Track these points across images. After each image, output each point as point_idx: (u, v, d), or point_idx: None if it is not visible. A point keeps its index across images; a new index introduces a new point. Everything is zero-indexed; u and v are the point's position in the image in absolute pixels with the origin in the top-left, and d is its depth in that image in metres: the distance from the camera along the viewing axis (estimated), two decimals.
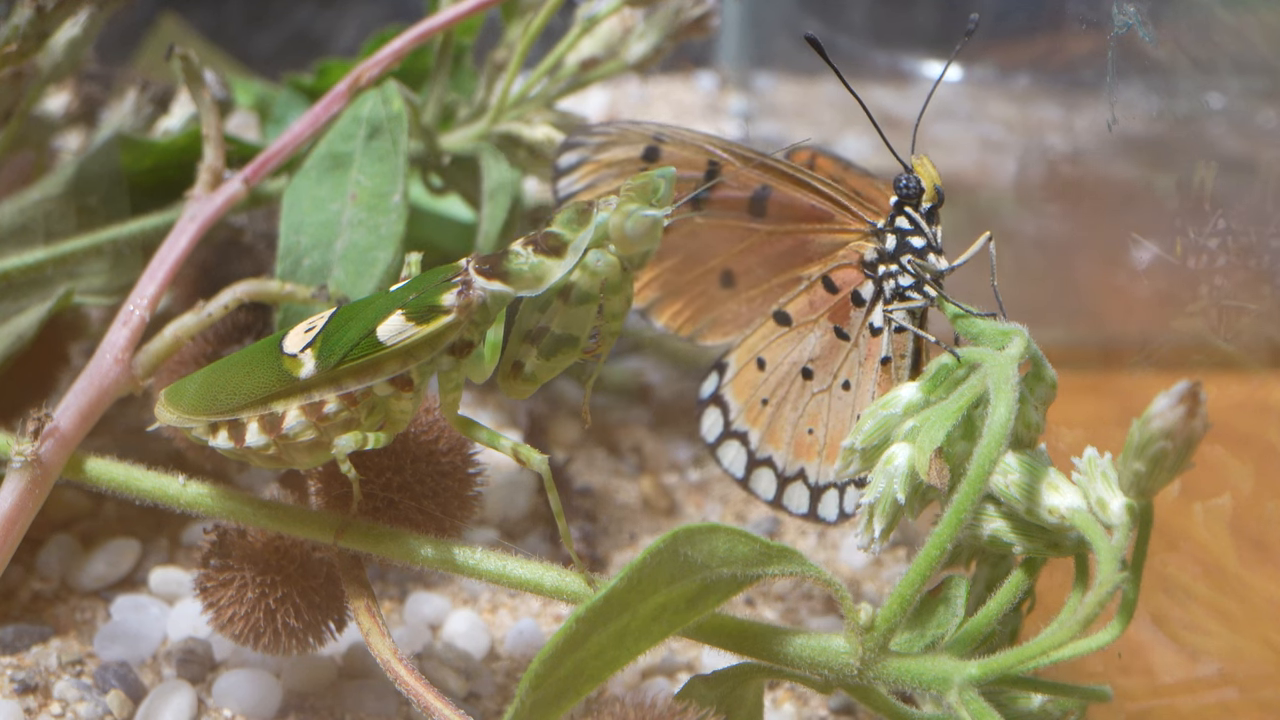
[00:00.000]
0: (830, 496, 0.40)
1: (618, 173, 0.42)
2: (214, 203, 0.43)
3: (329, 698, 0.41)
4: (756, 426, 0.41)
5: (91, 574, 0.45)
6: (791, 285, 0.40)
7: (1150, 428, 0.27)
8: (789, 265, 0.40)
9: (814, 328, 0.40)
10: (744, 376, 0.41)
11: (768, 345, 0.41)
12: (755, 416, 0.41)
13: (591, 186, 0.42)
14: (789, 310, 0.40)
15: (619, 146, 0.42)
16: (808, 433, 0.40)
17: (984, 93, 0.59)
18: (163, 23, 0.84)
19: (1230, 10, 0.40)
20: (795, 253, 0.40)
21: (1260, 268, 0.36)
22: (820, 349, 0.40)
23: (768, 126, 0.92)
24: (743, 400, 0.41)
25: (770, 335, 0.41)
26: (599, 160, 0.42)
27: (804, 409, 0.40)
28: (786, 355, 0.40)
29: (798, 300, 0.40)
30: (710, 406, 0.42)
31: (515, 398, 0.35)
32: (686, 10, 0.49)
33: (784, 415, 0.41)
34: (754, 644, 0.33)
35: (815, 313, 0.40)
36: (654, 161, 0.41)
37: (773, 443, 0.41)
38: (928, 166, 0.36)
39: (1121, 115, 0.40)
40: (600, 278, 0.32)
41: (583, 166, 0.42)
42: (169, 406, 0.35)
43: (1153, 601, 0.36)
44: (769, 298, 0.41)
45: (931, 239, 0.36)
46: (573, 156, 0.43)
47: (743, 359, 0.41)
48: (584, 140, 0.43)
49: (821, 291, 0.39)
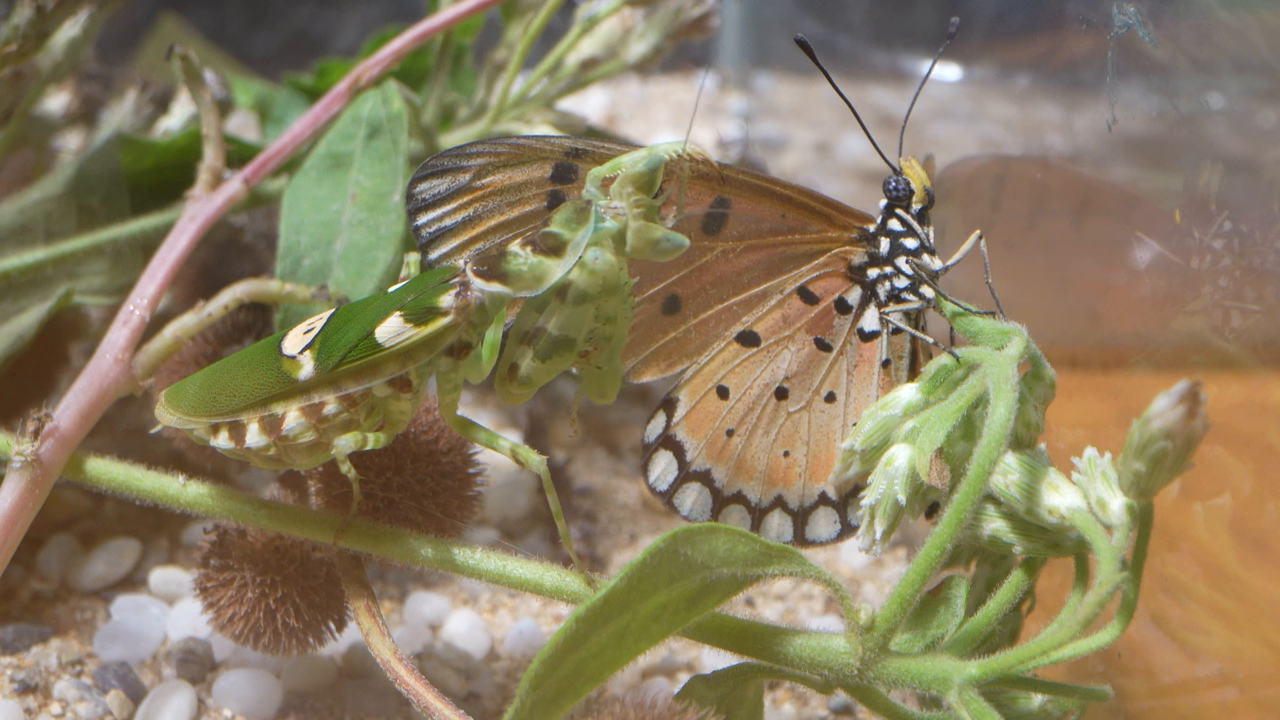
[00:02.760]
0: (821, 514, 0.38)
1: (513, 199, 0.37)
2: (214, 203, 0.43)
3: (329, 698, 0.41)
4: (723, 462, 0.38)
5: (91, 574, 0.45)
6: (758, 302, 0.37)
7: (1150, 428, 0.27)
8: (753, 281, 0.37)
9: (788, 344, 0.37)
10: (702, 410, 0.38)
11: (730, 370, 0.37)
12: (718, 451, 0.38)
13: (472, 220, 0.37)
14: (757, 329, 0.37)
15: (512, 168, 0.36)
16: (783, 456, 0.37)
17: (984, 93, 0.59)
18: (163, 23, 0.84)
19: (1230, 10, 0.40)
20: (760, 268, 0.37)
21: (1262, 268, 0.36)
22: (797, 364, 0.37)
23: (767, 126, 0.92)
24: (702, 436, 0.38)
25: (733, 359, 0.37)
26: (484, 187, 0.37)
27: (778, 432, 0.37)
28: (755, 378, 0.37)
29: (768, 317, 0.37)
30: (659, 451, 0.38)
31: (511, 403, 0.34)
32: (686, 10, 0.49)
33: (754, 443, 0.37)
34: (754, 644, 0.33)
35: (790, 328, 0.37)
36: (569, 183, 0.36)
37: (744, 476, 0.38)
38: (916, 168, 0.36)
39: (1121, 115, 0.40)
40: (599, 276, 0.32)
41: (457, 196, 0.37)
42: (169, 407, 0.35)
43: (1153, 601, 0.36)
44: (727, 319, 0.37)
45: (924, 240, 0.36)
46: (440, 184, 0.37)
47: (699, 390, 0.38)
48: (457, 163, 0.36)
49: (797, 304, 0.37)
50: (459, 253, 0.37)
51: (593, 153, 0.36)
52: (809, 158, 0.85)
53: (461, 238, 0.37)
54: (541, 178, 0.36)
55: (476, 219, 0.37)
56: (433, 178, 0.37)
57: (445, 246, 0.37)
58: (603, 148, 0.36)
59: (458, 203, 0.37)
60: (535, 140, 0.37)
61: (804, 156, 0.86)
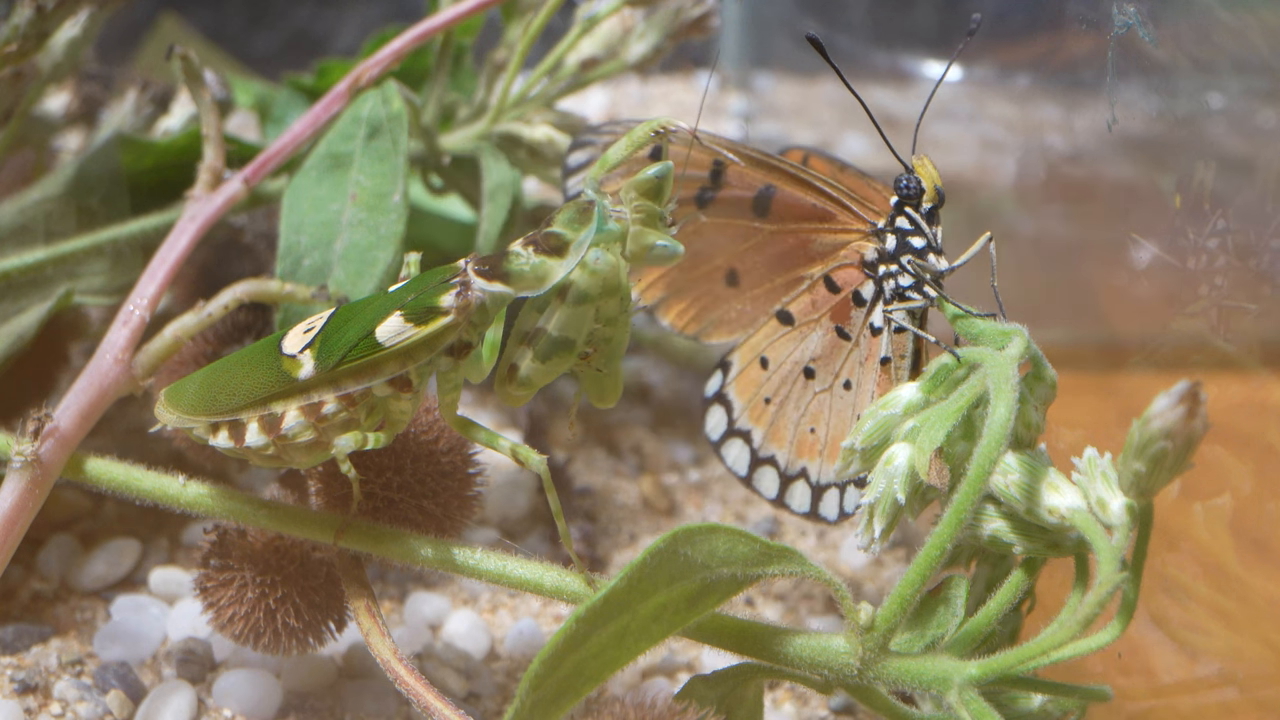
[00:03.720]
0: (831, 496, 0.40)
1: (625, 171, 0.41)
2: (214, 203, 0.43)
3: (329, 698, 0.41)
4: (760, 425, 0.41)
5: (91, 574, 0.45)
6: (794, 284, 0.40)
7: (1150, 428, 0.27)
8: (792, 265, 0.40)
9: (816, 327, 0.40)
10: (747, 375, 0.41)
11: (770, 344, 0.41)
12: (759, 415, 0.41)
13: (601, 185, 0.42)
14: (791, 309, 0.40)
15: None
16: (809, 431, 0.40)
17: (984, 93, 0.59)
18: (163, 23, 0.84)
19: (1230, 10, 0.40)
20: (797, 252, 0.40)
21: (1260, 268, 0.36)
22: (822, 348, 0.40)
23: (768, 126, 0.92)
24: (746, 399, 0.41)
25: (773, 334, 0.41)
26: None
27: (806, 408, 0.40)
28: (789, 354, 0.40)
29: (800, 299, 0.40)
30: (714, 405, 0.42)
31: (511, 404, 0.34)
32: (686, 10, 0.49)
33: (786, 414, 0.41)
34: (754, 644, 0.33)
35: (817, 312, 0.40)
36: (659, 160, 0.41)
37: (775, 441, 0.41)
38: (928, 167, 0.36)
39: (1121, 115, 0.40)
40: (600, 277, 0.32)
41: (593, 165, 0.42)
42: (169, 407, 0.35)
43: (1153, 601, 0.36)
44: (772, 297, 0.41)
45: (931, 239, 0.36)
46: (582, 155, 0.43)
47: (746, 358, 0.41)
48: (593, 139, 0.43)
49: (823, 291, 0.39)
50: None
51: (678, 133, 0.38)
52: None
53: None
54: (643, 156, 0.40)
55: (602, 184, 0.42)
56: (577, 150, 0.43)
57: None
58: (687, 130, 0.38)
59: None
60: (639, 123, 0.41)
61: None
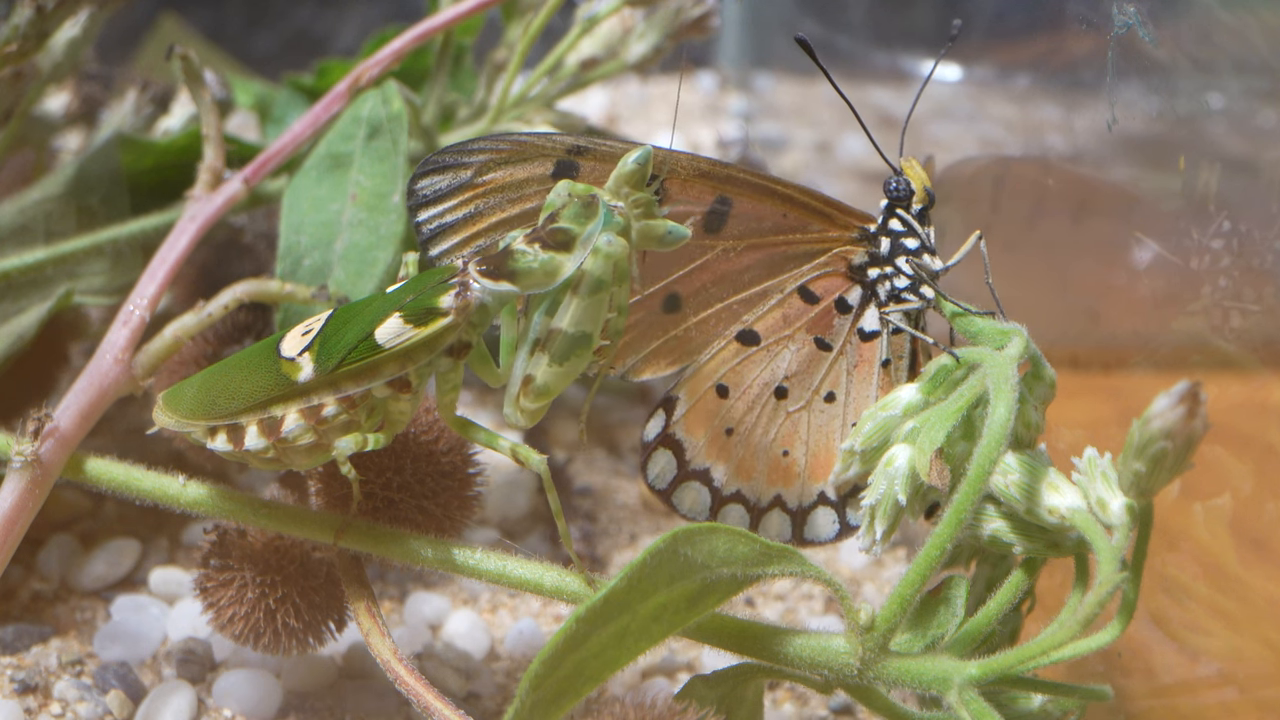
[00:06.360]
0: (821, 514, 0.38)
1: (514, 196, 0.37)
2: (214, 203, 0.43)
3: (329, 698, 0.41)
4: (722, 461, 0.38)
5: (91, 574, 0.45)
6: (758, 301, 0.37)
7: (1150, 428, 0.27)
8: (753, 280, 0.37)
9: (788, 343, 0.37)
10: (701, 408, 0.38)
11: (730, 369, 0.37)
12: (719, 450, 0.38)
13: (473, 217, 0.37)
14: (757, 328, 0.37)
15: (514, 165, 0.36)
16: (782, 455, 0.37)
17: (984, 93, 0.59)
18: (163, 23, 0.84)
19: (1230, 10, 0.40)
20: (761, 266, 0.37)
21: (1261, 268, 0.36)
22: (797, 364, 0.37)
23: (767, 127, 0.92)
24: (701, 434, 0.38)
25: (733, 358, 0.37)
26: (485, 183, 0.36)
27: (777, 431, 0.37)
28: (755, 377, 0.37)
29: (768, 316, 0.37)
30: (658, 450, 0.38)
31: (527, 423, 0.33)
32: (686, 10, 0.49)
33: (754, 442, 0.37)
34: (754, 644, 0.33)
35: (790, 327, 0.37)
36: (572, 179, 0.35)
37: (742, 475, 0.38)
38: (916, 168, 0.36)
39: (1121, 115, 0.40)
40: (614, 260, 0.31)
41: (458, 193, 0.37)
42: (167, 410, 0.35)
43: (1153, 601, 0.36)
44: (727, 318, 0.37)
45: (925, 240, 0.36)
46: (441, 181, 0.37)
47: (698, 389, 0.38)
48: (458, 160, 0.36)
49: (798, 303, 0.37)
50: (460, 249, 0.37)
51: (594, 150, 0.36)
52: (809, 158, 0.85)
53: (462, 234, 0.37)
54: (543, 174, 0.36)
55: (477, 215, 0.37)
56: (434, 174, 0.36)
57: (446, 243, 0.37)
58: (604, 145, 0.36)
59: (459, 199, 0.37)
60: (537, 137, 0.36)
61: (804, 156, 0.86)
